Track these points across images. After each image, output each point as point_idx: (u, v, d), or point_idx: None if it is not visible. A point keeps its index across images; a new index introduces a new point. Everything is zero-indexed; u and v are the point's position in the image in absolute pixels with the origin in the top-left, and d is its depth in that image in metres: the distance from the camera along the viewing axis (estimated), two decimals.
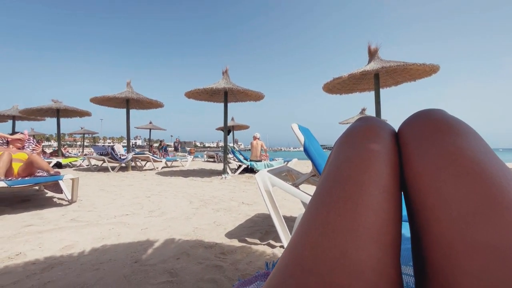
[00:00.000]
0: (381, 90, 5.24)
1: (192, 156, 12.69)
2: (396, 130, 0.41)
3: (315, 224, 0.28)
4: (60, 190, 2.92)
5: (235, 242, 1.73)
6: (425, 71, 4.97)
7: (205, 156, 13.91)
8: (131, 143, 8.17)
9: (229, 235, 1.88)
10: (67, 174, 2.88)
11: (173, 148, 16.54)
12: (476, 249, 0.21)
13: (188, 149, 15.63)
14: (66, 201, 3.01)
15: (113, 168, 6.91)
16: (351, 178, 0.31)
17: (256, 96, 6.58)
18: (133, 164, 7.80)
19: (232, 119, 12.86)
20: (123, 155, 7.22)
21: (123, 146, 8.12)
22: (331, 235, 0.25)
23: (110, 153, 6.80)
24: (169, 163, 9.35)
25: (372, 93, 5.26)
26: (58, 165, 7.71)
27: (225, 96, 6.07)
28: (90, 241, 1.74)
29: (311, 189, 3.34)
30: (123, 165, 7.10)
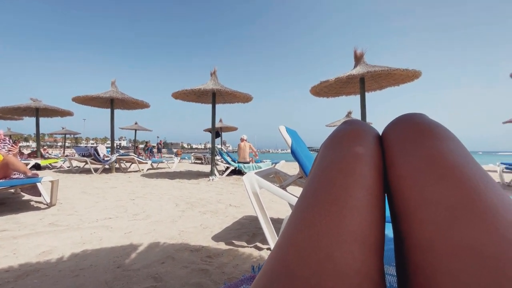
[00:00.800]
0: (366, 94, 5.37)
1: (179, 158, 12.49)
2: (380, 133, 0.41)
3: (300, 227, 0.28)
4: (38, 193, 2.79)
5: (222, 245, 1.71)
6: (408, 76, 5.15)
7: (192, 157, 13.73)
8: (115, 144, 7.92)
9: (216, 238, 1.86)
10: (46, 176, 2.75)
11: (156, 150, 16.10)
12: (456, 251, 0.22)
13: (175, 150, 15.36)
14: (44, 204, 2.88)
15: (96, 170, 6.68)
16: (336, 181, 0.31)
17: (244, 98, 6.59)
18: (117, 165, 7.57)
19: (220, 120, 12.78)
20: (106, 156, 7.01)
21: (107, 147, 7.88)
22: (316, 238, 0.25)
23: (93, 154, 6.58)
24: (155, 165, 9.16)
25: (358, 96, 5.38)
26: (37, 167, 7.36)
27: (213, 97, 6.04)
28: (70, 246, 1.67)
29: (298, 190, 3.36)
30: (107, 166, 6.89)
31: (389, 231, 0.81)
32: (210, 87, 5.71)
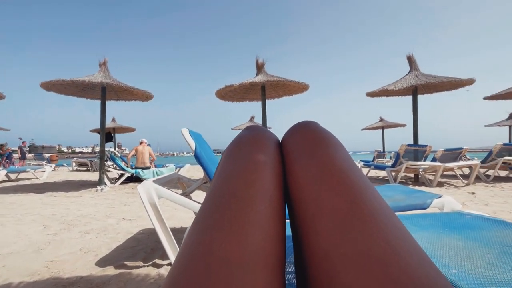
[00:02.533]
0: (266, 101, 5.88)
1: (54, 165, 9.90)
2: (280, 140, 0.42)
3: (197, 253, 0.23)
4: None
5: (110, 270, 1.42)
6: (299, 88, 5.99)
7: (74, 164, 11.25)
8: None
9: (102, 262, 1.53)
10: None
11: (18, 155, 11.97)
12: (348, 260, 0.22)
13: (47, 155, 12.04)
14: None
15: None
16: (237, 193, 0.28)
17: (143, 96, 5.91)
18: None
19: (113, 120, 11.09)
20: None
21: None
22: (215, 267, 0.22)
23: None
24: (13, 175, 6.93)
25: (260, 103, 5.82)
26: None
27: (103, 92, 5.11)
28: None
29: (204, 196, 3.27)
30: None
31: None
32: (98, 80, 4.81)
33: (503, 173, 6.12)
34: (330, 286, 0.21)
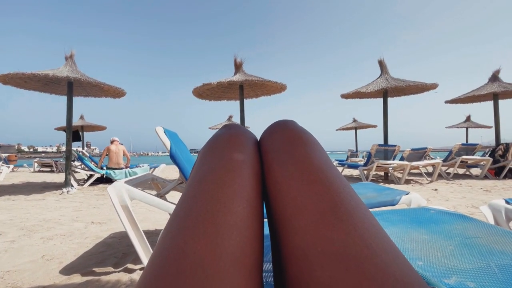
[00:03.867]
0: (245, 100, 5.87)
1: (12, 166, 9.04)
2: (258, 138, 0.42)
3: (170, 258, 0.22)
4: None
5: (76, 278, 1.33)
6: (277, 88, 6.06)
7: (36, 164, 10.39)
8: None
9: (67, 270, 1.43)
10: None
11: None
12: (326, 259, 0.22)
13: (5, 155, 10.96)
14: None
15: None
16: (213, 194, 0.28)
17: (114, 92, 5.61)
18: None
19: (82, 117, 10.43)
20: None
21: None
22: (190, 272, 0.20)
23: None
24: None
25: (238, 102, 5.80)
26: None
27: (69, 87, 4.77)
28: None
29: (180, 197, 3.18)
30: None
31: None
32: (64, 74, 4.49)
33: (461, 171, 6.68)
34: (308, 285, 0.21)
